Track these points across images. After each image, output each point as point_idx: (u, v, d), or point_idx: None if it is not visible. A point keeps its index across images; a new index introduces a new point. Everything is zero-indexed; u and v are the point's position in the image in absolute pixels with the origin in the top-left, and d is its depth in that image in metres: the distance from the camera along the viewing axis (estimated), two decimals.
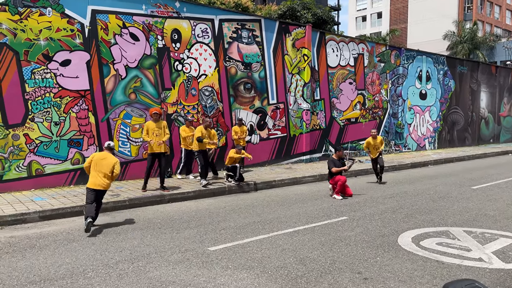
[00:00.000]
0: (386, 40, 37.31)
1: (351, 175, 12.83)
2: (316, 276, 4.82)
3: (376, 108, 17.62)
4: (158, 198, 8.89)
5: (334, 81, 16.00)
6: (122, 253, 5.62)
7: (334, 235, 6.47)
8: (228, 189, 10.03)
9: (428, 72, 20.09)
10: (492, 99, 24.55)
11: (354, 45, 16.73)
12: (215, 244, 5.99)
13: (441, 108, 20.91)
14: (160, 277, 4.80)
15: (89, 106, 10.21)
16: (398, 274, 4.86)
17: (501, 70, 25.61)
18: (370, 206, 8.55)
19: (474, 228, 6.83)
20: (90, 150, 10.18)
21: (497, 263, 5.25)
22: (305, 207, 8.47)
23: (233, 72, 12.91)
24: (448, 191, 10.18)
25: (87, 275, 4.85)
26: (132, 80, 10.84)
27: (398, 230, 6.70)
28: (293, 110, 14.70)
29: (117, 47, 10.59)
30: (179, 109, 11.70)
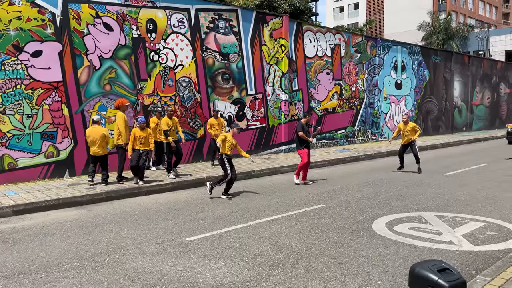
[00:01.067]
0: (363, 31, 37.65)
1: (329, 164, 13.01)
2: (293, 262, 4.90)
3: (353, 98, 17.84)
4: (135, 190, 8.81)
5: (312, 71, 16.09)
6: (98, 246, 5.57)
7: (311, 222, 6.57)
8: (207, 180, 10.01)
9: (403, 62, 20.42)
10: (465, 88, 25.16)
11: (331, 36, 16.84)
12: (193, 235, 6.00)
13: (416, 98, 21.32)
14: (136, 268, 4.79)
15: (62, 98, 9.99)
16: (372, 258, 4.99)
17: (473, 60, 26.25)
18: (347, 193, 8.71)
19: (445, 213, 7.05)
20: (64, 143, 9.99)
21: (467, 246, 5.44)
22: (283, 196, 8.55)
23: (211, 62, 12.83)
24: (422, 178, 10.44)
25: (62, 268, 4.80)
26: (106, 71, 10.64)
27: (373, 216, 6.85)
28: (272, 101, 14.74)
29: (90, 37, 10.36)
30: (155, 100, 11.57)
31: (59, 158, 9.94)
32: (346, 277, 4.45)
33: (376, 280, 4.39)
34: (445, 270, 2.77)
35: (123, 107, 9.46)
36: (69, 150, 10.09)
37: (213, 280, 4.42)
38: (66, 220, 6.94)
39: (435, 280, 2.68)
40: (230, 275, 4.55)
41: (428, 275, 2.71)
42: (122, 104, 9.47)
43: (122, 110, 9.42)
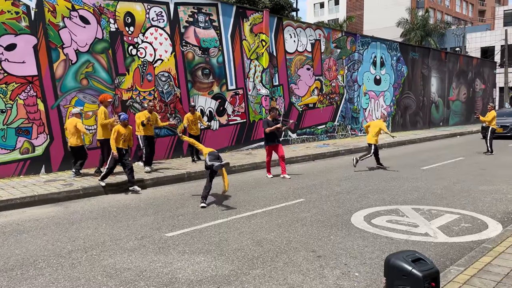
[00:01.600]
0: (343, 27, 37.96)
1: (309, 159, 13.10)
2: (272, 256, 4.93)
3: (333, 94, 17.99)
4: (114, 187, 8.68)
5: (292, 67, 16.14)
6: (75, 243, 5.48)
7: (291, 216, 6.62)
8: (187, 176, 9.96)
9: (382, 58, 20.69)
10: (442, 84, 25.69)
11: (311, 31, 16.91)
12: (173, 230, 5.96)
13: (394, 93, 21.65)
14: (114, 264, 4.73)
15: (38, 92, 9.74)
16: (350, 251, 5.06)
17: (450, 56, 26.80)
18: (327, 188, 8.79)
19: (422, 206, 7.20)
20: (40, 139, 9.77)
21: (442, 237, 5.57)
22: (263, 191, 8.58)
23: (190, 57, 12.72)
24: (399, 172, 10.63)
25: (38, 266, 4.70)
26: (83, 65, 10.42)
27: (351, 210, 6.95)
28: (252, 96, 14.73)
29: (66, 31, 10.13)
30: (134, 95, 11.41)
31: (34, 154, 9.71)
32: (325, 270, 4.51)
33: (354, 272, 4.46)
34: (419, 260, 2.84)
35: (105, 103, 9.37)
36: (45, 146, 9.87)
37: (193, 275, 4.41)
38: (42, 217, 6.80)
39: (409, 270, 2.74)
40: (209, 270, 4.54)
41: (403, 265, 2.77)
42: (104, 100, 9.39)
43: (104, 105, 9.34)
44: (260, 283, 4.20)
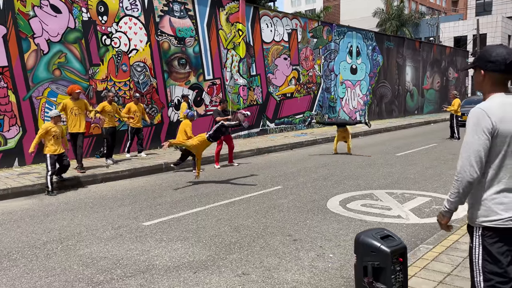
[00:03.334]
0: (320, 17, 38.10)
1: (287, 148, 13.22)
2: (249, 241, 5.00)
3: (310, 83, 18.12)
4: (90, 178, 8.59)
5: (269, 56, 16.16)
6: (50, 234, 5.42)
7: (268, 203, 6.70)
8: (165, 166, 9.92)
9: (358, 47, 20.92)
10: (417, 73, 26.19)
11: (287, 21, 16.93)
12: (150, 219, 5.96)
13: (370, 82, 21.96)
14: (91, 254, 4.71)
15: (8, 83, 9.48)
16: (325, 234, 5.18)
17: (424, 45, 27.30)
18: (304, 175, 8.92)
19: (395, 190, 7.40)
20: (12, 131, 9.54)
21: (413, 219, 5.76)
22: (241, 180, 8.63)
23: (166, 47, 12.58)
24: (375, 159, 10.86)
25: (12, 257, 4.64)
26: (55, 55, 10.18)
27: (327, 195, 7.08)
28: (230, 86, 14.70)
29: (36, 20, 9.86)
30: (109, 86, 11.23)
31: (7, 147, 9.48)
32: (300, 252, 4.61)
33: (328, 253, 4.58)
34: (387, 237, 2.94)
35: (74, 94, 8.85)
36: (18, 138, 9.64)
37: (170, 262, 4.44)
38: (16, 210, 6.68)
39: (378, 246, 2.84)
40: (187, 256, 4.58)
41: (372, 242, 2.87)
42: (72, 91, 8.90)
43: (73, 97, 8.91)
44: (237, 266, 4.27)
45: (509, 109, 2.21)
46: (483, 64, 2.30)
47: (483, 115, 2.20)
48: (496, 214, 2.23)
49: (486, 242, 2.26)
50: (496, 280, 2.23)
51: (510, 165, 2.23)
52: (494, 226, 2.23)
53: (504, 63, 2.23)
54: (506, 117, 2.19)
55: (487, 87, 2.32)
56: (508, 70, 2.24)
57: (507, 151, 2.21)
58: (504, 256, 2.22)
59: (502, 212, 2.22)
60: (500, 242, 2.23)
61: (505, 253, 2.23)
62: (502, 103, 2.23)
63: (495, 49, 2.27)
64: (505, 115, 2.20)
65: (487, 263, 2.25)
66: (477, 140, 2.20)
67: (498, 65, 2.24)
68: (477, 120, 2.21)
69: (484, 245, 2.27)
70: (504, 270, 2.22)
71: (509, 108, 2.22)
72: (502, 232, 2.23)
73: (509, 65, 2.23)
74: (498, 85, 2.28)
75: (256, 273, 4.10)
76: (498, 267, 2.22)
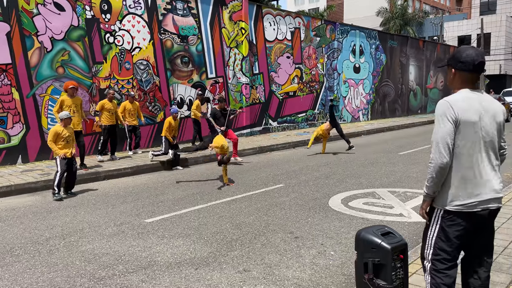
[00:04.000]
0: (324, 16, 38.04)
1: (289, 146, 13.22)
2: (251, 238, 5.01)
3: (313, 82, 18.10)
4: (93, 175, 8.62)
5: (272, 55, 16.16)
6: (53, 230, 5.45)
7: (270, 201, 6.71)
8: (167, 164, 9.94)
9: (361, 46, 20.88)
10: (420, 72, 26.11)
11: (290, 19, 16.91)
12: (152, 216, 5.98)
13: (373, 81, 21.91)
14: (93, 250, 4.74)
15: (12, 81, 9.53)
16: (327, 232, 5.19)
17: (427, 44, 27.21)
18: (306, 173, 8.92)
19: (397, 188, 7.39)
20: (16, 128, 9.58)
21: (415, 217, 5.76)
22: (243, 177, 8.64)
23: (169, 45, 12.60)
24: (377, 158, 10.84)
25: (15, 253, 4.67)
26: (59, 53, 10.22)
27: (329, 194, 7.08)
28: (233, 84, 14.71)
29: (40, 18, 9.89)
30: (112, 84, 11.26)
31: (10, 144, 9.53)
32: (302, 250, 4.61)
33: (329, 251, 4.58)
34: (388, 234, 2.95)
35: (68, 90, 8.63)
36: (21, 135, 9.69)
37: (171, 258, 4.46)
38: (19, 206, 6.72)
39: (379, 243, 2.84)
40: (188, 253, 4.60)
41: (372, 239, 2.87)
42: (66, 87, 8.71)
43: (69, 94, 8.76)
44: (238, 263, 4.28)
45: (471, 102, 2.45)
46: (455, 63, 2.53)
47: (447, 106, 2.44)
48: (459, 199, 2.44)
49: (444, 224, 2.50)
50: (443, 256, 2.52)
51: (473, 152, 2.43)
52: (455, 210, 2.46)
53: (473, 64, 2.46)
54: (468, 108, 2.42)
55: (457, 84, 2.56)
56: (476, 70, 2.48)
57: (465, 140, 2.42)
58: (457, 238, 2.48)
59: (464, 198, 2.43)
60: (457, 226, 2.46)
61: (459, 237, 2.48)
62: (465, 97, 2.47)
63: (466, 50, 2.49)
64: (467, 107, 2.43)
65: (439, 240, 2.53)
66: (443, 128, 2.42)
67: (467, 65, 2.47)
68: (442, 111, 2.45)
69: (442, 225, 2.52)
70: (452, 250, 2.50)
71: (471, 101, 2.45)
72: (462, 217, 2.45)
73: (476, 66, 2.46)
74: (467, 83, 2.52)
75: (257, 270, 4.11)
76: (448, 246, 2.50)
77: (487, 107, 2.47)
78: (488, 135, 2.45)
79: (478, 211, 2.44)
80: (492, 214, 2.51)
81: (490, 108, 2.48)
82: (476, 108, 2.44)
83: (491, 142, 2.47)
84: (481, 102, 2.47)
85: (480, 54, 2.47)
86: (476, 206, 2.44)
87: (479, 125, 2.42)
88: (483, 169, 2.45)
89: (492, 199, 2.46)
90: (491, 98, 2.55)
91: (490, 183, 2.46)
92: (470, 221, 2.45)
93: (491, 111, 2.47)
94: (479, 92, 2.51)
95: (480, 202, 2.43)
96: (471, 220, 2.45)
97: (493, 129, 2.47)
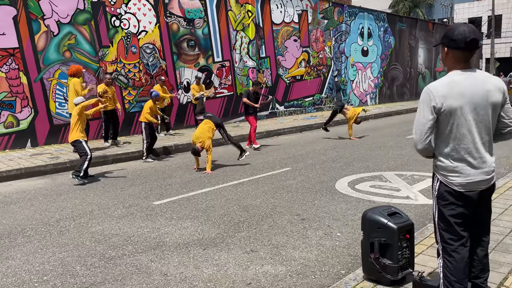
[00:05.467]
0: None
1: (296, 130, 13.20)
2: (258, 220, 5.06)
3: (320, 66, 17.94)
4: (101, 159, 8.70)
5: (279, 38, 16.00)
6: (63, 212, 5.54)
7: (277, 184, 6.74)
8: (174, 148, 9.99)
9: (370, 29, 20.58)
10: (429, 55, 25.74)
11: (297, 1, 16.68)
12: (160, 199, 6.05)
13: (381, 65, 21.66)
14: (103, 231, 4.81)
15: (20, 65, 9.56)
16: (333, 214, 5.21)
17: (437, 26, 26.75)
18: (312, 157, 8.92)
19: (405, 172, 7.38)
20: (24, 112, 9.66)
21: (422, 200, 5.76)
22: (250, 161, 8.67)
23: (175, 28, 12.52)
24: (385, 141, 10.79)
25: (26, 234, 4.77)
26: (65, 37, 10.21)
27: (336, 177, 7.09)
28: (239, 68, 14.63)
29: (46, 2, 9.86)
30: (119, 68, 11.26)
31: (19, 128, 9.62)
32: (308, 231, 4.65)
33: (336, 232, 4.61)
34: (394, 214, 2.96)
35: (79, 74, 8.86)
36: (30, 119, 9.77)
37: (180, 239, 4.52)
38: (30, 189, 6.82)
39: (385, 223, 2.86)
40: (196, 234, 4.65)
41: (379, 219, 2.89)
42: (79, 70, 8.91)
43: (78, 77, 8.87)
44: (245, 244, 4.33)
45: (455, 86, 2.40)
46: (447, 41, 2.47)
47: (428, 93, 2.43)
48: (450, 180, 2.49)
49: (439, 204, 2.57)
50: (448, 236, 2.55)
51: (457, 136, 2.44)
52: (448, 189, 2.51)
53: (464, 41, 2.39)
54: (451, 94, 2.39)
55: (450, 63, 2.51)
56: (468, 48, 2.41)
57: (453, 124, 2.43)
58: (454, 217, 2.50)
59: (454, 178, 2.48)
60: (452, 205, 2.50)
61: (456, 215, 2.50)
62: (449, 81, 2.43)
63: (458, 28, 2.43)
64: (450, 93, 2.39)
65: (440, 222, 2.58)
66: (422, 117, 2.46)
67: (459, 43, 2.41)
68: (423, 98, 2.46)
69: (439, 207, 2.58)
70: (454, 229, 2.52)
71: (455, 85, 2.41)
72: (454, 197, 2.49)
73: (468, 43, 2.39)
74: (459, 62, 2.46)
75: (264, 250, 4.16)
76: (448, 225, 2.53)
77: (477, 88, 2.39)
78: (478, 116, 2.41)
79: (469, 191, 2.46)
80: (484, 194, 2.53)
81: (480, 88, 2.40)
82: (462, 91, 2.38)
83: (482, 123, 2.42)
84: (471, 83, 2.40)
85: (473, 31, 2.39)
86: (466, 186, 2.46)
87: (465, 108, 2.39)
88: (474, 150, 2.44)
89: (482, 181, 2.46)
90: (484, 76, 2.46)
91: (481, 164, 2.46)
92: (464, 201, 2.48)
93: (481, 91, 2.40)
94: (471, 71, 2.44)
95: (469, 183, 2.45)
96: (464, 199, 2.48)
97: (484, 111, 2.41)
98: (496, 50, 36.80)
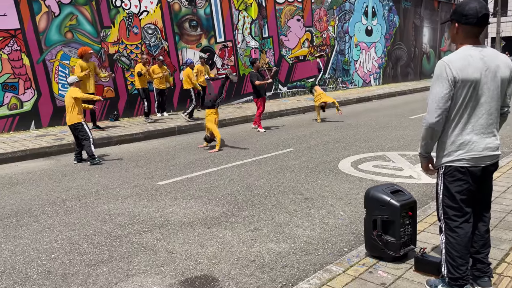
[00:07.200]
0: None
1: (299, 111, 13.17)
2: (261, 199, 5.10)
3: (323, 45, 17.75)
4: (105, 140, 8.74)
5: (282, 17, 15.79)
6: (69, 192, 5.61)
7: (280, 164, 6.77)
8: (178, 130, 10.01)
9: (374, 8, 20.26)
10: (434, 34, 25.39)
11: None
12: (164, 179, 6.10)
13: (385, 44, 21.40)
14: (108, 210, 4.88)
15: (22, 46, 9.52)
16: (336, 193, 5.25)
17: (443, 5, 26.28)
18: (316, 138, 8.92)
19: (408, 151, 7.38)
20: (27, 94, 9.67)
21: (425, 179, 5.78)
22: (254, 142, 8.69)
23: (177, 8, 12.37)
24: (388, 122, 10.77)
25: (33, 213, 4.84)
26: (67, 17, 10.13)
27: (339, 157, 7.11)
28: (242, 49, 14.50)
29: None
30: (121, 49, 11.19)
31: (23, 110, 9.65)
32: (311, 210, 4.70)
33: (339, 211, 4.66)
34: (397, 192, 2.98)
35: (87, 55, 9.16)
36: (33, 101, 9.79)
37: (184, 218, 4.58)
38: (35, 170, 6.89)
39: (388, 200, 2.89)
40: (201, 213, 4.71)
41: (382, 196, 2.91)
42: (86, 52, 9.15)
43: (86, 59, 9.13)
44: (249, 223, 4.38)
45: (470, 60, 2.41)
46: (458, 17, 2.47)
47: (445, 66, 2.41)
48: (456, 156, 2.48)
49: (446, 181, 2.55)
50: (452, 213, 2.55)
51: (469, 110, 2.44)
52: (453, 165, 2.50)
53: (476, 17, 2.41)
54: (467, 67, 2.39)
55: (460, 39, 2.51)
56: (479, 23, 2.43)
57: (466, 97, 2.42)
58: (460, 193, 2.51)
59: (461, 153, 2.47)
60: (458, 181, 2.50)
61: (461, 192, 2.51)
62: (465, 55, 2.43)
63: (469, 3, 2.43)
64: (466, 65, 2.39)
65: (445, 198, 2.57)
66: (439, 90, 2.43)
67: (470, 18, 2.42)
68: (439, 72, 2.43)
69: (444, 183, 2.57)
70: (458, 206, 2.53)
71: (470, 59, 2.41)
72: (461, 172, 2.49)
73: (480, 19, 2.41)
74: (470, 37, 2.48)
75: (267, 229, 4.21)
76: (454, 202, 2.53)
77: (489, 63, 2.43)
78: (489, 92, 2.44)
79: (473, 167, 2.48)
80: (488, 170, 2.55)
81: (492, 64, 2.44)
82: (476, 65, 2.41)
83: (493, 98, 2.45)
84: (483, 58, 2.43)
85: (484, 6, 2.42)
86: (470, 161, 2.48)
87: (479, 82, 2.40)
88: (483, 125, 2.46)
89: (486, 156, 2.49)
90: (494, 52, 2.49)
91: (488, 139, 2.48)
92: (469, 176, 2.50)
93: (493, 66, 2.43)
94: (481, 46, 2.47)
95: (474, 158, 2.47)
96: (470, 175, 2.50)
97: (494, 86, 2.44)
98: (502, 29, 36.19)
